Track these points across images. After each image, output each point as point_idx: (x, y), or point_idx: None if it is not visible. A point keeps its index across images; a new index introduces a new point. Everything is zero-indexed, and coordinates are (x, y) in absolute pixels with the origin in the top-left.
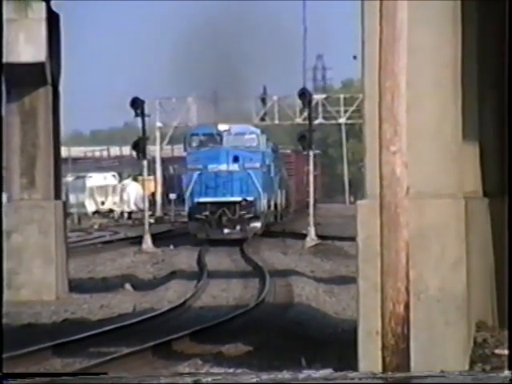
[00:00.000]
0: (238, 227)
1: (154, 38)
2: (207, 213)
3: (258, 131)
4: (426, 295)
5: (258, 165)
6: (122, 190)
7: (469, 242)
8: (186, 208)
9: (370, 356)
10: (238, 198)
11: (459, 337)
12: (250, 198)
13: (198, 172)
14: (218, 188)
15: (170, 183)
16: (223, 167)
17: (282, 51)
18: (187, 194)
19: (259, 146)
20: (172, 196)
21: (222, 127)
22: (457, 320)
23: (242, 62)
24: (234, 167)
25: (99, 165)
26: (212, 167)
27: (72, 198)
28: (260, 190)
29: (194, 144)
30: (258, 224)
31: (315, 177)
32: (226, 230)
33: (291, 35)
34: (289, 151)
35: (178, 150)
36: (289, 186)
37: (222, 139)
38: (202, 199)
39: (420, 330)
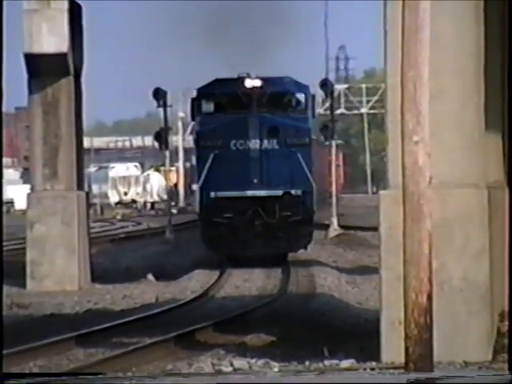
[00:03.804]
0: (279, 236)
1: (177, 26)
2: (230, 215)
3: (305, 87)
4: (449, 285)
5: (306, 140)
6: (145, 181)
7: (492, 232)
8: (197, 206)
9: (392, 346)
10: (279, 192)
11: (482, 327)
12: (296, 192)
13: (215, 152)
14: (246, 176)
15: (193, 173)
16: (254, 144)
17: (305, 41)
18: (198, 186)
19: (308, 110)
20: (194, 187)
21: (250, 82)
22: (480, 310)
23: (264, 51)
24: (271, 144)
25: (122, 155)
26: (236, 144)
27: (95, 189)
28: (311, 178)
29: (208, 108)
30: (308, 231)
31: (337, 167)
32: (259, 241)
33: (313, 26)
34: None
35: None
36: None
37: (250, 100)
38: (222, 193)
39: (443, 320)
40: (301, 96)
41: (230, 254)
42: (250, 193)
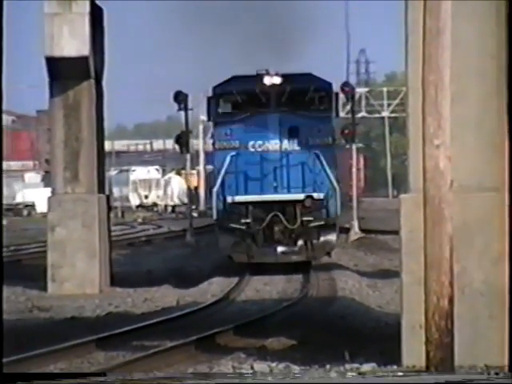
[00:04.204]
0: (301, 243)
1: (199, 26)
2: (249, 220)
3: (328, 84)
4: (470, 289)
5: (329, 140)
6: (166, 184)
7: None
8: (214, 212)
9: (413, 350)
10: (300, 196)
11: (503, 330)
12: (318, 195)
13: (232, 153)
14: (265, 179)
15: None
16: (273, 145)
17: (326, 45)
18: (215, 190)
19: (331, 108)
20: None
21: (269, 79)
22: (501, 314)
23: (284, 54)
24: (292, 145)
25: (142, 158)
26: (255, 145)
27: (116, 192)
28: (334, 181)
29: (225, 108)
30: (332, 237)
31: (358, 170)
32: (280, 248)
33: (334, 29)
34: None
35: None
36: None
37: (270, 99)
38: (240, 198)
39: (464, 323)
40: (323, 94)
41: (248, 262)
42: (269, 197)
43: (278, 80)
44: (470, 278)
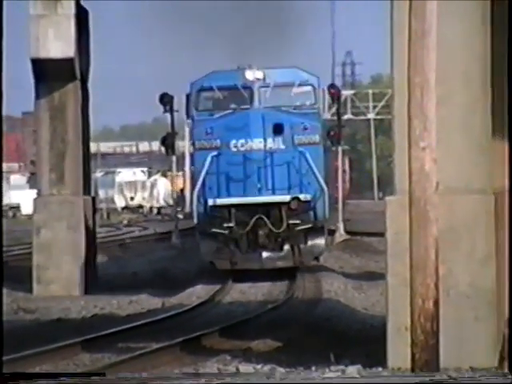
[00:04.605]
0: (287, 247)
1: (185, 28)
2: (231, 224)
3: (314, 79)
4: (455, 291)
5: (316, 138)
6: (152, 186)
7: (498, 238)
8: (195, 216)
9: (398, 352)
10: (286, 198)
11: (489, 333)
12: (305, 197)
13: (213, 153)
14: (248, 180)
15: None
16: (257, 143)
17: (311, 47)
18: (195, 192)
19: (317, 104)
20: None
21: (251, 74)
22: (487, 316)
23: (267, 55)
24: (277, 143)
25: (128, 160)
26: (237, 144)
27: (101, 194)
28: (322, 181)
29: (205, 105)
30: (320, 241)
31: (344, 172)
32: (264, 254)
33: (319, 30)
34: None
35: None
36: None
37: (252, 95)
38: (222, 201)
39: (449, 326)
40: (309, 88)
41: (231, 269)
42: (252, 199)
43: (260, 74)
44: (455, 280)
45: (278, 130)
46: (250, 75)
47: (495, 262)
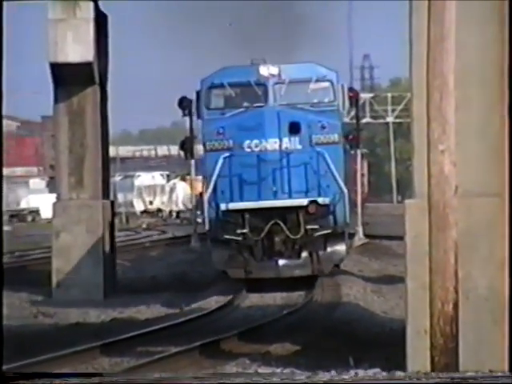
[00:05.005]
0: (305, 254)
1: (204, 31)
2: (245, 230)
3: (333, 74)
4: (474, 294)
5: (335, 137)
6: (171, 190)
7: None
8: (206, 221)
9: (418, 355)
10: (303, 201)
11: (507, 336)
12: (323, 200)
13: (225, 154)
14: (263, 183)
15: None
16: (272, 144)
17: (329, 50)
18: (206, 196)
19: (336, 101)
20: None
21: (265, 70)
22: (505, 319)
23: (287, 61)
24: (293, 143)
25: (147, 164)
26: (250, 144)
27: (120, 198)
28: (342, 183)
29: (216, 103)
30: (340, 247)
31: (363, 176)
32: (281, 262)
33: (337, 34)
34: None
35: None
36: None
37: (266, 92)
38: (235, 205)
39: (469, 329)
40: (328, 84)
41: (245, 278)
42: (267, 203)
43: (275, 70)
44: (474, 283)
45: (294, 129)
46: (264, 71)
47: (510, 266)
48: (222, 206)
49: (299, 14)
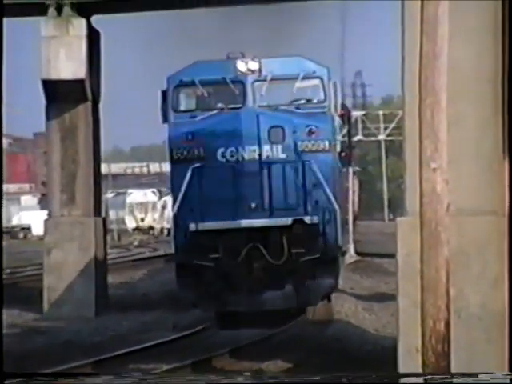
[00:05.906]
0: (290, 284)
1: (196, 45)
2: (218, 255)
3: (323, 70)
4: (466, 313)
5: (326, 144)
6: (163, 207)
7: (510, 260)
8: (172, 243)
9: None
10: (287, 220)
11: (501, 354)
12: (311, 219)
13: (194, 165)
14: (240, 199)
15: None
16: (250, 152)
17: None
18: (172, 215)
19: (327, 102)
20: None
21: (244, 65)
22: (498, 338)
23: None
24: (275, 151)
25: (139, 181)
26: (225, 153)
27: (112, 215)
28: (333, 199)
29: (184, 104)
30: (331, 275)
31: (354, 193)
32: (261, 292)
33: (328, 50)
34: None
35: None
36: None
37: (245, 91)
38: (206, 225)
39: (461, 347)
40: (317, 82)
41: (218, 311)
42: (245, 222)
43: (255, 65)
44: (466, 301)
45: (277, 134)
46: (242, 66)
47: (507, 284)
48: (191, 227)
49: (290, 30)
